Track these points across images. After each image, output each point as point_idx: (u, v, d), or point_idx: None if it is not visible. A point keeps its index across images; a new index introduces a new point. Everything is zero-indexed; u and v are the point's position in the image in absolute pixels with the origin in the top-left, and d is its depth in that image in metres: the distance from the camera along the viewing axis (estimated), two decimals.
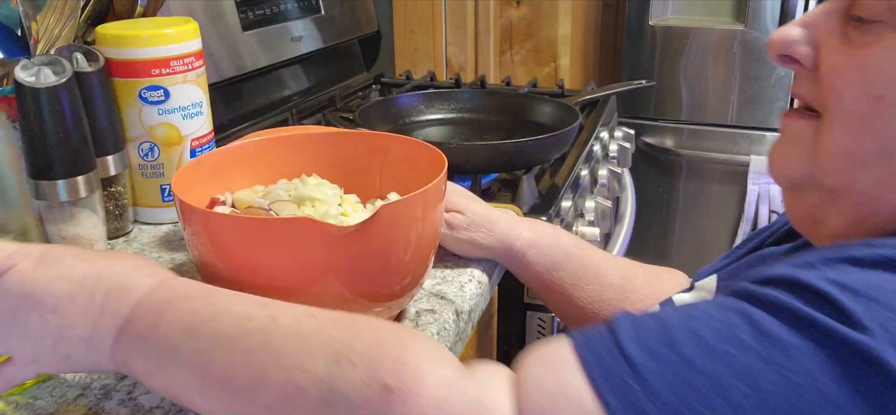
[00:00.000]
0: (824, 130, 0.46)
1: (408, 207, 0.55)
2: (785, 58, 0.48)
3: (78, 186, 0.72)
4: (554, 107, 1.15)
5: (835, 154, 0.45)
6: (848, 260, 0.38)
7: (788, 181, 0.50)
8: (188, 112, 0.82)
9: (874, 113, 0.43)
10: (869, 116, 0.43)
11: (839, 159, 0.45)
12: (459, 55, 1.90)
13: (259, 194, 0.64)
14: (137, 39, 0.78)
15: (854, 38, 0.44)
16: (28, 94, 0.69)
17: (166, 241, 0.80)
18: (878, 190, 0.44)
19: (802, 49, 0.47)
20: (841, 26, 0.46)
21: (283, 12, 1.31)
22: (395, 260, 0.56)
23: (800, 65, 0.48)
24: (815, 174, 0.47)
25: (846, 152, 0.45)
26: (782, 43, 0.48)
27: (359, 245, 0.53)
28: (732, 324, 0.36)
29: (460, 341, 0.66)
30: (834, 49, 0.46)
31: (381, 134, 0.73)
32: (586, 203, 1.05)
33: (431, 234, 0.59)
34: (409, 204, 0.55)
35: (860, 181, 0.45)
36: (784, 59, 0.49)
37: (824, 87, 0.46)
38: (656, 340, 0.37)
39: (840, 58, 0.45)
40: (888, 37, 0.42)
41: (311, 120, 1.29)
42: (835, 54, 0.45)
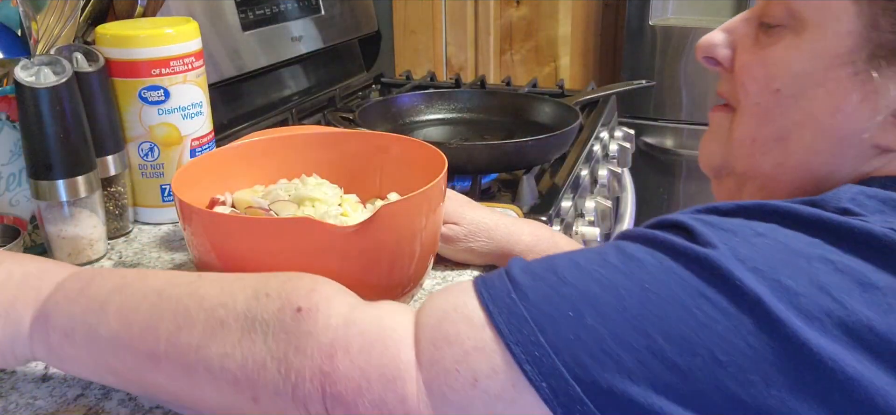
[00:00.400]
0: (736, 121, 0.53)
1: (408, 207, 0.55)
2: (709, 59, 0.55)
3: (78, 187, 0.72)
4: (554, 107, 1.15)
5: (742, 142, 0.52)
6: (712, 210, 0.44)
7: (711, 169, 0.57)
8: (188, 112, 0.82)
9: (773, 104, 0.50)
10: (769, 107, 0.50)
11: (746, 146, 0.52)
12: (459, 55, 1.90)
13: (259, 194, 0.64)
14: (137, 39, 0.78)
15: (762, 40, 0.51)
16: (28, 94, 0.69)
17: (166, 241, 0.80)
18: (776, 172, 0.51)
19: (722, 51, 0.54)
20: (754, 31, 0.52)
21: (282, 12, 1.31)
22: (395, 260, 0.56)
23: (721, 66, 0.55)
24: (728, 161, 0.54)
25: (751, 140, 0.52)
26: (707, 46, 0.55)
27: (358, 245, 0.53)
28: (604, 252, 0.42)
29: None
30: (746, 50, 0.52)
31: (381, 134, 0.73)
32: (586, 203, 1.05)
33: (431, 234, 0.59)
34: (409, 204, 0.55)
35: (762, 164, 0.51)
36: (708, 61, 0.56)
37: (737, 84, 0.52)
38: (540, 267, 0.42)
39: (749, 57, 0.52)
40: (786, 38, 0.49)
41: (311, 120, 1.29)
42: (746, 54, 0.52)
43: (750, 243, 0.39)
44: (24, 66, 0.70)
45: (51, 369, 0.58)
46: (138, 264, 0.75)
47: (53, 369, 0.58)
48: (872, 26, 0.46)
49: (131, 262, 0.76)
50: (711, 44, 0.55)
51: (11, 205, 0.74)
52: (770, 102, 0.50)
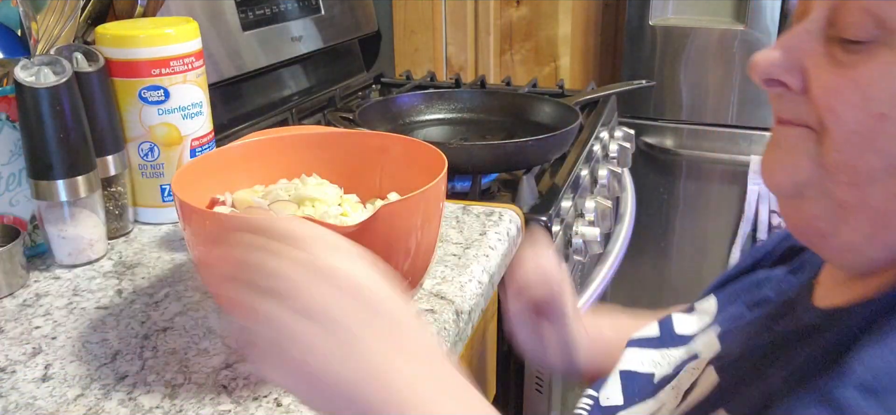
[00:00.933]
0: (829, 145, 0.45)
1: (408, 207, 0.55)
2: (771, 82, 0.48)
3: (78, 187, 0.72)
4: (554, 107, 1.15)
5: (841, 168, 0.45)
6: None
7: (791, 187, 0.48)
8: (188, 112, 0.82)
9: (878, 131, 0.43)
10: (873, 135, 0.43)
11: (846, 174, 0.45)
12: (459, 55, 1.90)
13: (259, 194, 0.64)
14: (137, 39, 0.78)
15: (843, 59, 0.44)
16: (28, 94, 0.69)
17: (166, 241, 0.80)
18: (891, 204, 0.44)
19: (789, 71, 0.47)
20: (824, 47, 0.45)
21: (282, 12, 1.31)
22: (395, 260, 0.56)
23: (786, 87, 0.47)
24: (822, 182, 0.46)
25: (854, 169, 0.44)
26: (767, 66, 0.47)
27: (359, 245, 0.52)
28: None
29: (460, 340, 0.66)
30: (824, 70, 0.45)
31: (381, 134, 0.73)
32: (586, 203, 1.05)
33: (431, 234, 0.59)
34: (409, 204, 0.55)
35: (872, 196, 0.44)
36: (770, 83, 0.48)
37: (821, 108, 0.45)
38: None
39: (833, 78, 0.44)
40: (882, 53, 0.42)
41: (311, 120, 1.29)
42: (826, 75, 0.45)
43: None
44: (24, 66, 0.70)
45: (50, 369, 0.58)
46: (138, 265, 0.75)
47: (52, 370, 0.58)
48: None
49: (131, 262, 0.76)
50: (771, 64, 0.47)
51: (11, 205, 0.74)
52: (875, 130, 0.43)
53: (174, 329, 0.63)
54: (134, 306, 0.67)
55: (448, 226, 0.83)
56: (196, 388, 0.55)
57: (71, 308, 0.67)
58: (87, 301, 0.68)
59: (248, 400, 0.54)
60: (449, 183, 0.91)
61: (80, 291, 0.70)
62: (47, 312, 0.66)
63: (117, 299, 0.68)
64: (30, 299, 0.69)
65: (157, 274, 0.73)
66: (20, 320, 0.65)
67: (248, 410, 0.53)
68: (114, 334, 0.63)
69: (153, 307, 0.67)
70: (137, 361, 0.59)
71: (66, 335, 0.63)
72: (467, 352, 0.71)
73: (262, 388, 0.55)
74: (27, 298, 0.69)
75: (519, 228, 0.86)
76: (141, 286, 0.71)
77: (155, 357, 0.59)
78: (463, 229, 0.82)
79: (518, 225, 0.86)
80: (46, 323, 0.64)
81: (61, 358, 0.59)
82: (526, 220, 0.88)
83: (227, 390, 0.55)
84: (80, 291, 0.70)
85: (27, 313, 0.66)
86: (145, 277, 0.73)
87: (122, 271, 0.74)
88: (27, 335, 0.63)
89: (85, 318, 0.65)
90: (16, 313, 0.66)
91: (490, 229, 0.82)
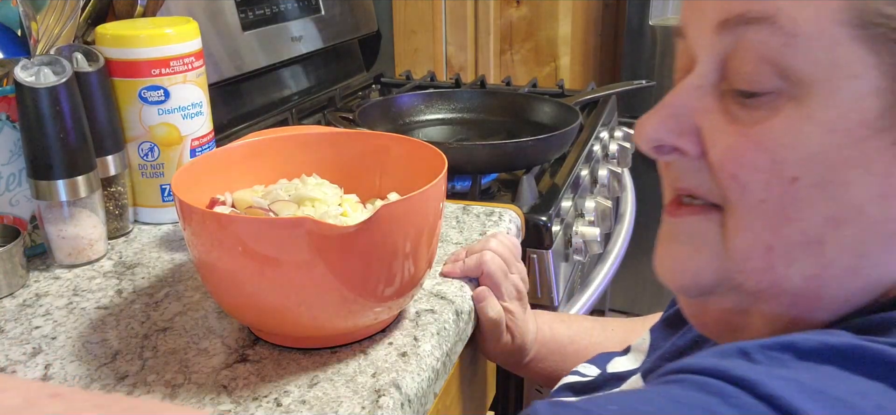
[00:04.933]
0: (732, 225, 0.39)
1: (408, 207, 0.55)
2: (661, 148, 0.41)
3: (78, 187, 0.72)
4: (554, 107, 1.15)
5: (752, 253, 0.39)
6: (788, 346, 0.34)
7: (698, 289, 0.42)
8: (188, 112, 0.82)
9: (790, 198, 0.37)
10: (785, 202, 0.37)
11: (758, 258, 0.39)
12: (459, 55, 1.90)
13: (259, 194, 0.64)
14: (137, 39, 0.78)
15: (742, 115, 0.38)
16: (28, 94, 0.69)
17: (166, 241, 0.80)
18: (810, 286, 0.38)
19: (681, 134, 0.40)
20: (719, 103, 0.39)
21: (282, 12, 1.31)
22: (395, 260, 0.56)
23: (680, 153, 0.41)
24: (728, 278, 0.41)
25: (766, 248, 0.38)
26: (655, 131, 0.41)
27: (359, 245, 0.52)
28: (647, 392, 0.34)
29: (460, 341, 0.66)
30: (721, 131, 0.39)
31: (381, 134, 0.73)
32: (586, 203, 1.05)
33: (431, 234, 0.59)
34: (409, 204, 0.55)
35: (788, 279, 0.38)
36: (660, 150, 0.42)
37: (723, 177, 0.39)
38: None
39: (734, 139, 0.38)
40: (785, 108, 0.36)
41: (310, 120, 1.29)
42: (725, 136, 0.39)
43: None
44: (24, 67, 0.70)
45: (50, 369, 0.58)
46: (138, 265, 0.75)
47: (53, 370, 0.58)
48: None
49: (131, 262, 0.76)
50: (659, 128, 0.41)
51: (11, 205, 0.74)
52: (785, 197, 0.37)
53: (174, 329, 0.63)
54: (134, 306, 0.67)
55: (448, 226, 0.83)
56: (196, 388, 0.55)
57: (71, 308, 0.67)
58: (87, 301, 0.68)
59: (247, 400, 0.54)
60: (449, 183, 0.91)
61: (80, 291, 0.70)
62: (47, 312, 0.66)
63: (117, 299, 0.68)
64: (30, 299, 0.69)
65: (157, 274, 0.73)
66: (20, 320, 0.65)
67: (248, 410, 0.53)
68: (114, 334, 0.63)
69: (153, 307, 0.67)
70: (137, 361, 0.59)
71: (66, 335, 0.63)
72: (467, 352, 0.71)
73: (261, 388, 0.55)
74: (27, 299, 0.69)
75: (519, 228, 0.86)
76: (141, 286, 0.71)
77: (155, 357, 0.59)
78: (463, 229, 0.82)
79: (518, 225, 0.86)
80: (46, 323, 0.64)
81: (61, 358, 0.59)
82: (526, 220, 0.88)
83: (226, 389, 0.55)
84: (80, 291, 0.70)
85: (27, 313, 0.66)
86: (145, 277, 0.73)
87: (122, 271, 0.74)
88: (27, 335, 0.63)
89: (85, 318, 0.65)
90: (16, 313, 0.66)
91: (490, 229, 0.82)
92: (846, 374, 0.33)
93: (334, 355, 0.58)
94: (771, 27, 0.36)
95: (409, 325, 0.63)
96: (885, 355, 0.33)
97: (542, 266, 0.89)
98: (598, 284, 1.06)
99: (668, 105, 0.41)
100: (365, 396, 0.53)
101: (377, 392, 0.54)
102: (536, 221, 0.88)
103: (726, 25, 0.38)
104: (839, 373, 0.33)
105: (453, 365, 0.65)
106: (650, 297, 1.92)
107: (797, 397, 0.31)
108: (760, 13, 0.36)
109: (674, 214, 0.43)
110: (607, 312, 1.36)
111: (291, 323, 0.57)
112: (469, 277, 0.71)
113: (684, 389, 0.34)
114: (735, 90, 0.38)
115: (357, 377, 0.56)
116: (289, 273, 0.53)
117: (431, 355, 0.59)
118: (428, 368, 0.58)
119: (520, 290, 0.72)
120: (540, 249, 0.89)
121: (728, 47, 0.38)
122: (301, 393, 0.54)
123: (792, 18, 0.36)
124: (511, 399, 0.97)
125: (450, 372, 0.64)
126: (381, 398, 0.53)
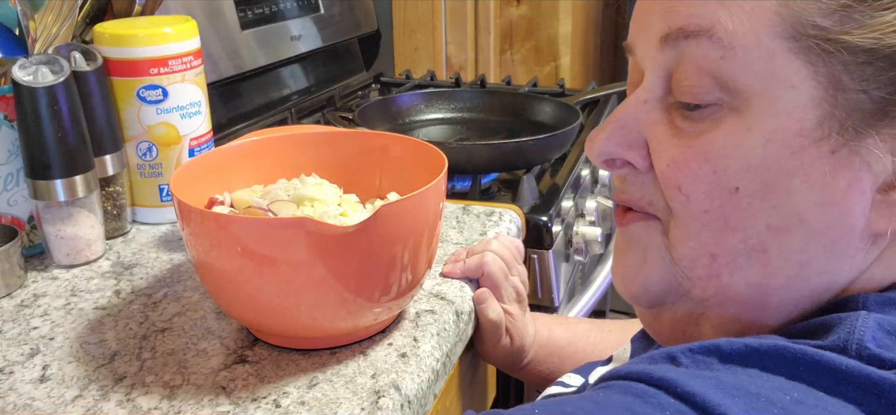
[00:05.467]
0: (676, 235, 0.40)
1: (408, 207, 0.55)
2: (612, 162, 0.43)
3: (76, 186, 0.72)
4: (554, 106, 1.15)
5: (695, 260, 0.40)
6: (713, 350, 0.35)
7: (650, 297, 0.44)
8: (187, 111, 0.81)
9: (732, 207, 0.38)
10: (727, 212, 0.38)
11: (702, 266, 0.40)
12: (459, 54, 1.90)
13: (258, 194, 0.64)
14: (136, 38, 0.78)
15: (685, 127, 0.39)
16: (26, 93, 0.68)
17: (165, 241, 0.80)
18: (756, 293, 0.39)
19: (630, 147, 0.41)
20: (665, 116, 0.40)
21: (282, 11, 1.31)
22: (395, 260, 0.55)
23: (630, 167, 0.42)
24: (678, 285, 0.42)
25: (710, 256, 0.39)
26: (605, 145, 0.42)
27: (358, 245, 0.52)
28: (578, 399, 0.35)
29: (460, 341, 0.66)
30: (667, 143, 0.40)
31: (380, 134, 0.73)
32: (587, 203, 1.05)
33: (431, 234, 0.59)
34: (409, 204, 0.54)
35: (733, 286, 0.39)
36: (611, 164, 0.43)
37: (668, 188, 0.40)
38: None
39: (677, 151, 0.39)
40: (727, 119, 0.38)
41: (310, 119, 1.29)
42: (670, 148, 0.40)
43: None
44: (22, 66, 0.69)
45: (48, 370, 0.58)
46: (136, 265, 0.75)
47: (50, 370, 0.57)
48: (837, 87, 0.35)
49: (129, 262, 0.75)
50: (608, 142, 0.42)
51: (9, 205, 0.73)
52: (727, 206, 0.38)
53: (172, 330, 0.63)
54: (132, 307, 0.67)
55: (448, 226, 0.82)
56: (195, 389, 0.55)
57: (69, 309, 0.67)
58: (85, 302, 0.68)
59: (246, 401, 0.53)
60: (449, 183, 0.91)
61: (78, 291, 0.70)
62: (45, 312, 0.66)
63: (115, 300, 0.68)
64: (28, 300, 0.68)
65: (155, 274, 0.73)
66: (18, 321, 0.65)
67: (247, 411, 0.52)
68: (112, 334, 0.62)
69: (151, 308, 0.66)
70: (136, 362, 0.58)
71: (64, 336, 0.62)
72: (467, 353, 0.71)
73: (260, 389, 0.55)
74: (25, 299, 0.68)
75: (519, 227, 0.86)
76: (139, 287, 0.70)
77: (153, 358, 0.59)
78: (463, 229, 0.82)
79: (518, 225, 0.86)
80: (44, 324, 0.64)
81: (59, 359, 0.59)
82: (526, 220, 0.88)
83: (225, 391, 0.55)
84: (78, 291, 0.70)
85: (25, 314, 0.66)
86: (143, 277, 0.72)
87: (121, 272, 0.73)
88: (25, 336, 0.62)
89: (83, 318, 0.65)
90: (13, 313, 0.66)
91: (490, 229, 0.81)
92: (767, 375, 0.33)
93: (334, 356, 0.58)
94: (709, 40, 0.37)
95: (408, 325, 0.62)
96: (807, 355, 0.33)
97: (542, 266, 0.89)
98: (598, 284, 1.06)
99: (617, 119, 0.42)
100: (364, 397, 0.53)
101: (377, 393, 0.53)
102: (537, 221, 0.88)
103: (668, 39, 0.39)
104: (761, 374, 0.33)
105: (453, 366, 0.64)
106: None
107: (714, 394, 0.32)
108: (698, 27, 0.37)
109: (622, 223, 0.44)
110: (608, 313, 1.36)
111: (290, 324, 0.57)
112: (469, 277, 0.70)
113: (608, 393, 0.35)
114: (679, 103, 0.39)
115: (356, 378, 0.55)
116: (288, 273, 0.53)
117: (431, 355, 0.59)
118: (428, 369, 0.58)
119: (520, 292, 0.72)
120: (540, 250, 0.88)
121: (672, 61, 0.39)
122: (300, 394, 0.54)
123: (729, 31, 0.36)
124: (512, 400, 0.97)
125: (450, 373, 0.63)
126: (380, 399, 0.53)
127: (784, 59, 0.36)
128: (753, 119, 0.37)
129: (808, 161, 0.36)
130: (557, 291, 0.91)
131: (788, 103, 0.36)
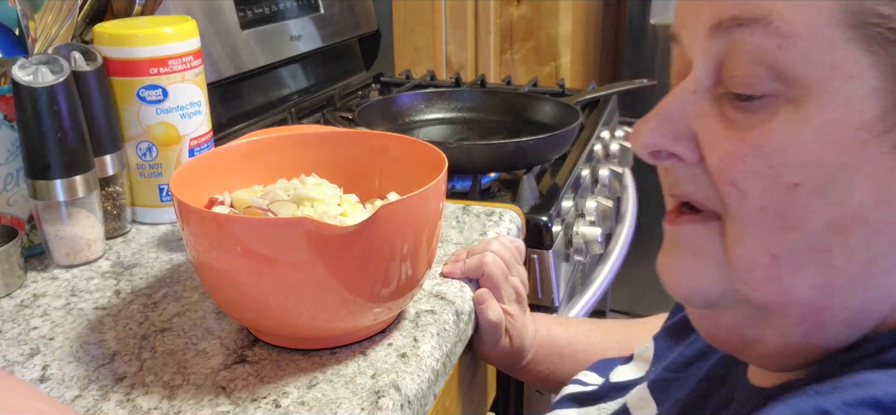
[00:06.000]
0: (733, 234, 0.38)
1: (408, 207, 0.54)
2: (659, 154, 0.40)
3: (76, 186, 0.72)
4: (554, 106, 1.14)
5: (755, 262, 0.38)
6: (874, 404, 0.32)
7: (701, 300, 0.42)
8: (186, 111, 0.81)
9: (792, 205, 0.36)
10: (786, 209, 0.36)
11: (762, 267, 0.37)
12: (459, 54, 1.90)
13: (258, 194, 0.64)
14: (135, 38, 0.78)
15: (738, 119, 0.37)
16: (26, 93, 0.68)
17: (164, 241, 0.80)
18: (820, 295, 0.37)
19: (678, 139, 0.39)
20: (715, 107, 0.38)
21: (281, 11, 1.30)
22: (395, 260, 0.55)
23: (678, 159, 0.40)
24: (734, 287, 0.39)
25: (770, 258, 0.37)
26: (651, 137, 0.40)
27: (358, 245, 0.52)
28: None
29: (460, 341, 0.66)
30: (718, 135, 0.38)
31: (380, 134, 0.73)
32: (587, 203, 1.05)
33: (431, 234, 0.59)
34: (409, 204, 0.54)
35: (795, 289, 0.37)
36: (657, 155, 0.41)
37: (722, 184, 0.38)
38: None
39: (731, 144, 0.37)
40: (784, 110, 0.35)
41: (310, 119, 1.29)
42: (722, 141, 0.38)
43: None
44: (22, 66, 0.69)
45: (48, 370, 0.58)
46: (136, 265, 0.75)
47: (50, 371, 0.57)
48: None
49: (129, 262, 0.75)
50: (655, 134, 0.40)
51: (9, 205, 0.73)
52: (786, 203, 0.36)
53: (172, 330, 0.63)
54: (132, 307, 0.67)
55: (448, 226, 0.82)
56: (194, 389, 0.55)
57: (68, 309, 0.67)
58: (85, 302, 0.68)
59: (246, 401, 0.53)
60: (449, 183, 0.91)
61: (78, 291, 0.70)
62: (45, 312, 0.66)
63: (115, 300, 0.68)
64: (27, 300, 0.68)
65: (155, 274, 0.73)
66: (18, 321, 0.65)
67: (247, 411, 0.52)
68: (112, 334, 0.62)
69: (151, 308, 0.66)
70: (135, 362, 0.58)
71: (64, 336, 0.62)
72: (467, 353, 0.71)
73: (260, 389, 0.55)
74: (25, 299, 0.68)
75: (519, 228, 0.86)
76: (139, 287, 0.70)
77: (153, 358, 0.59)
78: (463, 229, 0.82)
79: (518, 225, 0.86)
80: (44, 324, 0.64)
81: (59, 359, 0.59)
82: (526, 220, 0.88)
83: (225, 391, 0.54)
84: (78, 291, 0.70)
85: (25, 314, 0.66)
86: (143, 277, 0.72)
87: (120, 272, 0.73)
88: (25, 336, 0.62)
89: (83, 318, 0.65)
90: (13, 313, 0.66)
91: (490, 229, 0.81)
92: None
93: (333, 356, 0.58)
94: (765, 28, 0.35)
95: (408, 325, 0.62)
96: None
97: (542, 266, 0.89)
98: (599, 284, 1.06)
99: (663, 110, 0.40)
100: (364, 397, 0.53)
101: (377, 394, 0.53)
102: (537, 221, 0.88)
103: (720, 28, 0.37)
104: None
105: (453, 366, 0.64)
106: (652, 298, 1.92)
107: None
108: (754, 15, 0.36)
109: (673, 223, 0.42)
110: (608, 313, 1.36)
111: (290, 324, 0.57)
112: (469, 278, 0.70)
113: None
114: (731, 94, 0.37)
115: (356, 378, 0.55)
116: (288, 273, 0.53)
117: (431, 355, 0.59)
118: (428, 369, 0.58)
119: (519, 292, 0.72)
120: (540, 250, 0.88)
121: (723, 50, 0.37)
122: (300, 394, 0.54)
123: (786, 19, 0.35)
124: (511, 400, 0.97)
125: (450, 373, 0.63)
126: (380, 399, 0.53)
127: (844, 48, 0.34)
128: (811, 111, 0.35)
129: (870, 157, 0.34)
130: (557, 292, 0.91)
131: (849, 95, 0.34)
